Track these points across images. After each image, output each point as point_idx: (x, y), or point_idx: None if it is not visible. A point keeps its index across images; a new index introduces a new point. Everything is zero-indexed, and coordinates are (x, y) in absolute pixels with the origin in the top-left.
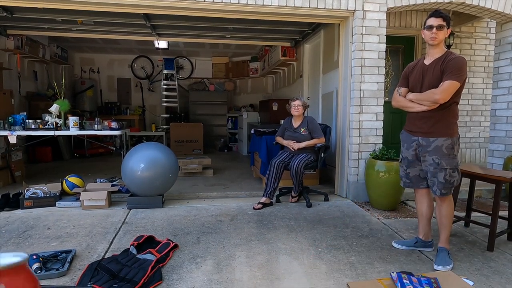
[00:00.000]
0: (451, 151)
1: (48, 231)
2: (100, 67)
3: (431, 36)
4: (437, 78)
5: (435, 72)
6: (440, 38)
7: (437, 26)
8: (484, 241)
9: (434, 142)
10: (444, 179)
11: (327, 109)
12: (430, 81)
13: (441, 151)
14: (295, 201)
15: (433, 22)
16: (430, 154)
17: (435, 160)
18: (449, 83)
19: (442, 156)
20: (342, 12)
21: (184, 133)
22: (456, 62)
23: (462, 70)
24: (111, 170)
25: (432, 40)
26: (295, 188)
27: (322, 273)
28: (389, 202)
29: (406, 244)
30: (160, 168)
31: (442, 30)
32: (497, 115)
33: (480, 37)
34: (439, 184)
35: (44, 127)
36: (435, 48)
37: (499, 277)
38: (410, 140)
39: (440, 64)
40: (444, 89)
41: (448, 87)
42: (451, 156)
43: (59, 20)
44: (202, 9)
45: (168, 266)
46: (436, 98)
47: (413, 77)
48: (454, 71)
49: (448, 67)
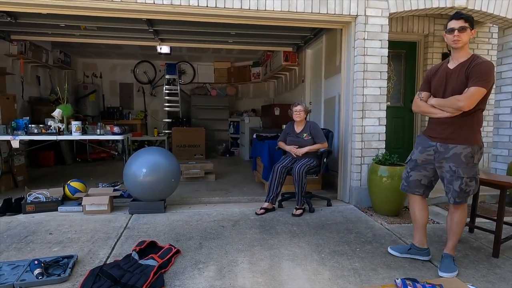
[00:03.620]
0: (470, 160)
1: (49, 236)
2: (102, 72)
3: (453, 39)
4: (461, 84)
5: (459, 77)
6: (464, 40)
7: (458, 28)
8: (489, 247)
9: (453, 149)
10: (459, 188)
11: (329, 114)
12: (453, 87)
13: (459, 159)
14: (299, 214)
15: (454, 24)
16: (447, 161)
17: (452, 168)
18: (475, 89)
19: (459, 164)
20: (344, 17)
21: (186, 137)
22: (483, 66)
23: (489, 75)
24: (113, 175)
25: (455, 43)
26: (298, 199)
27: (326, 279)
28: (392, 208)
29: (401, 250)
30: (163, 173)
31: (465, 31)
32: (500, 120)
33: (482, 42)
34: (453, 192)
35: (46, 131)
36: (459, 51)
37: (505, 283)
38: (426, 144)
39: (465, 69)
40: (469, 96)
41: (473, 93)
42: (470, 165)
43: (63, 26)
44: (205, 15)
45: (170, 272)
46: (460, 106)
47: (435, 81)
48: (480, 77)
49: (474, 72)
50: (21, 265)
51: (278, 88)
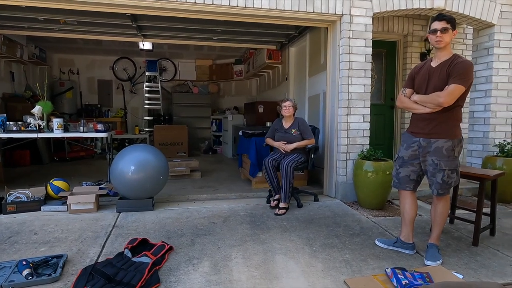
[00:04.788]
0: (451, 153)
1: (35, 236)
2: (80, 68)
3: (436, 40)
4: (442, 81)
5: (441, 75)
6: (446, 40)
7: (441, 29)
8: (469, 236)
9: (435, 144)
10: (441, 180)
11: (314, 111)
12: (435, 84)
13: (441, 152)
14: (282, 213)
15: (437, 25)
16: (430, 155)
17: (434, 161)
18: (454, 86)
19: (441, 157)
20: (330, 16)
21: (168, 135)
22: (463, 66)
23: (468, 74)
24: (94, 173)
25: (438, 44)
26: (284, 195)
27: (319, 271)
28: (377, 201)
29: (387, 242)
30: (151, 170)
31: (447, 32)
32: (475, 117)
33: (458, 43)
34: (436, 184)
35: (26, 129)
36: (442, 51)
37: (486, 270)
38: (410, 141)
39: (446, 67)
40: (449, 93)
41: (453, 90)
42: (451, 158)
43: (41, 19)
44: (192, 11)
45: (164, 269)
46: (440, 101)
47: (419, 78)
48: (460, 75)
49: (454, 70)
50: (7, 266)
51: (260, 86)
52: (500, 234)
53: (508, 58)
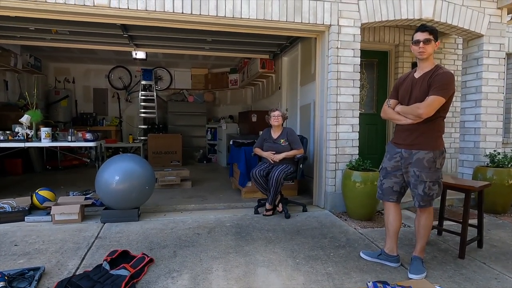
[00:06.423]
0: (432, 164)
1: (15, 247)
2: (75, 77)
3: (419, 51)
4: (423, 92)
5: (422, 86)
6: (429, 51)
7: (423, 40)
8: (456, 248)
9: (416, 155)
10: (423, 192)
11: (305, 121)
12: (416, 95)
13: (422, 164)
14: (270, 214)
15: (419, 36)
16: (411, 166)
17: (416, 173)
18: (434, 98)
19: (422, 169)
20: (318, 27)
21: (162, 144)
22: (443, 77)
23: (448, 85)
24: (85, 182)
25: (421, 55)
26: (269, 198)
27: (300, 284)
28: (366, 212)
29: (371, 255)
30: (136, 181)
31: (429, 43)
32: (466, 127)
33: (449, 53)
34: (418, 196)
35: (14, 138)
36: (424, 62)
37: (470, 284)
38: (393, 152)
39: (428, 78)
40: (428, 104)
41: (432, 102)
42: (432, 170)
43: (32, 29)
44: (180, 21)
45: (142, 282)
46: (419, 113)
47: (402, 89)
48: (440, 86)
49: (435, 82)
50: None
51: (255, 95)
52: (487, 246)
53: (497, 69)
